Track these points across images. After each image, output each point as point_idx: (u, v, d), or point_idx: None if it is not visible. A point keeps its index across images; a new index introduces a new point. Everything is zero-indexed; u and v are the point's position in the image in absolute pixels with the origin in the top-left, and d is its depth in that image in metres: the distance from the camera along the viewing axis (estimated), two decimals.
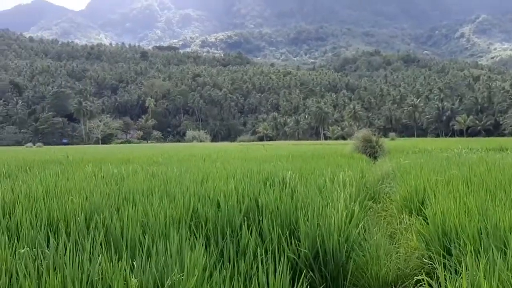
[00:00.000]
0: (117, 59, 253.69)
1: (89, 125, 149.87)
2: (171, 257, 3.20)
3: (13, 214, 4.64)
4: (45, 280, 2.76)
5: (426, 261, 4.64)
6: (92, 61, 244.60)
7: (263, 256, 3.78)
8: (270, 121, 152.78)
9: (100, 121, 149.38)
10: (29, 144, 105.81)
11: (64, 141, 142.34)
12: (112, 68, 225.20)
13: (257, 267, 3.52)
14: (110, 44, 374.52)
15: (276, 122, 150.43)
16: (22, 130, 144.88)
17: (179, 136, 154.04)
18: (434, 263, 4.31)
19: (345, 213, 4.78)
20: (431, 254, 4.62)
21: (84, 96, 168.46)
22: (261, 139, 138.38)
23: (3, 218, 4.53)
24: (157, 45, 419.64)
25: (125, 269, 3.02)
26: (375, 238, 5.03)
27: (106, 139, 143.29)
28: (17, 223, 4.32)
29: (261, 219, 4.61)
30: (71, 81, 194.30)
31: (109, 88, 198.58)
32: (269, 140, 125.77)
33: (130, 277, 2.90)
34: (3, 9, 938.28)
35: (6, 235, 3.89)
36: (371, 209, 7.66)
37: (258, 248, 4.00)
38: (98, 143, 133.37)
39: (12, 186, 7.09)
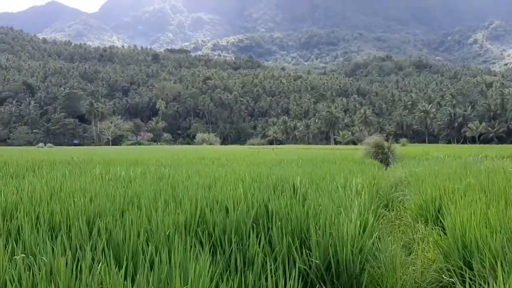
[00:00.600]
0: (129, 61, 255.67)
1: (100, 126, 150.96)
2: (174, 267, 3.01)
3: (14, 216, 4.49)
4: None
5: (446, 275, 4.39)
6: (104, 63, 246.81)
7: (272, 266, 3.58)
8: (280, 125, 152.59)
9: (111, 123, 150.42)
10: (40, 144, 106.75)
11: (75, 142, 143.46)
12: (123, 70, 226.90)
13: (266, 279, 3.32)
14: (122, 46, 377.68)
15: (286, 126, 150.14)
16: (34, 131, 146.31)
17: (189, 139, 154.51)
18: (453, 278, 4.07)
19: (358, 222, 4.55)
20: (450, 267, 4.38)
21: (96, 98, 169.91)
22: (271, 142, 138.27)
23: (4, 220, 4.38)
24: (169, 48, 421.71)
25: (126, 279, 2.84)
26: (390, 248, 4.80)
27: (117, 141, 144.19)
28: (18, 226, 4.17)
29: (270, 226, 4.41)
30: (83, 82, 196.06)
31: (120, 90, 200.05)
32: (278, 144, 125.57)
33: None
34: (17, 10, 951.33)
35: (5, 239, 3.73)
36: (384, 217, 7.41)
37: (267, 258, 3.80)
38: (109, 144, 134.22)
39: (17, 187, 6.96)
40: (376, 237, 4.82)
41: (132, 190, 6.32)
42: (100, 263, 3.00)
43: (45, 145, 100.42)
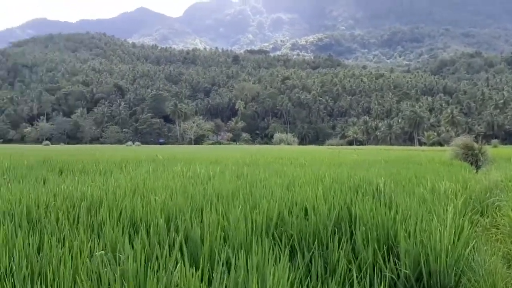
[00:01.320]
0: (211, 63, 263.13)
1: (183, 126, 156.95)
2: (251, 270, 2.85)
3: (99, 211, 4.60)
4: None
5: None
6: (188, 65, 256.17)
7: (356, 274, 3.31)
8: (361, 125, 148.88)
9: (193, 123, 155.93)
10: (129, 142, 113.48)
11: (161, 140, 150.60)
12: (205, 72, 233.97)
13: (350, 286, 3.06)
14: (205, 48, 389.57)
15: (367, 126, 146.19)
16: (124, 130, 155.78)
17: (267, 139, 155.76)
18: None
19: (453, 230, 4.12)
20: None
21: (180, 99, 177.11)
22: (350, 143, 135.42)
23: (88, 215, 4.50)
24: (249, 49, 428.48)
25: (202, 281, 2.73)
26: (489, 260, 4.30)
27: (198, 140, 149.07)
28: (101, 221, 4.25)
29: (354, 231, 4.12)
30: (168, 84, 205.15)
31: (202, 91, 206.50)
32: (359, 145, 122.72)
33: None
34: (109, 17, 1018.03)
35: (89, 234, 3.80)
36: (478, 224, 6.77)
37: (351, 265, 3.53)
38: (191, 144, 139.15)
39: (104, 183, 7.24)
40: (473, 247, 4.35)
41: (211, 188, 6.30)
42: (178, 263, 2.93)
43: (133, 144, 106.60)
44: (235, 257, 3.01)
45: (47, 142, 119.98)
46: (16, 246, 3.13)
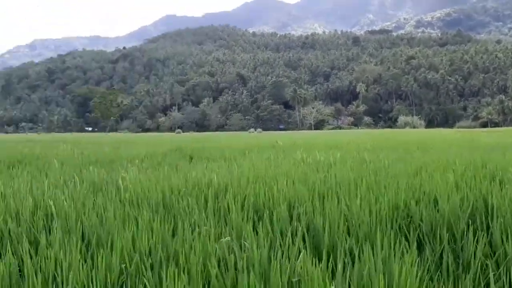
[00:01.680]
0: (330, 47, 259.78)
1: (303, 111, 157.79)
2: (376, 265, 2.73)
3: (225, 197, 4.81)
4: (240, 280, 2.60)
5: None
6: (307, 50, 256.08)
7: (494, 271, 3.02)
8: (496, 105, 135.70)
9: (313, 108, 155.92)
10: (251, 129, 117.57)
11: (281, 126, 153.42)
12: (324, 55, 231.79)
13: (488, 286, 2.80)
14: (323, 32, 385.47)
15: (503, 106, 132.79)
16: (246, 117, 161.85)
17: (391, 122, 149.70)
18: None
19: None
20: None
21: (299, 84, 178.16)
22: (484, 125, 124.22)
23: (215, 201, 4.73)
24: (369, 29, 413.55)
25: (325, 272, 2.70)
26: None
27: (318, 125, 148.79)
28: (226, 207, 4.43)
29: (491, 224, 3.75)
30: (287, 70, 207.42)
31: (321, 75, 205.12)
32: (494, 126, 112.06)
33: (331, 284, 2.58)
34: (232, 8, 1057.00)
35: (216, 220, 3.99)
36: None
37: (489, 260, 3.23)
38: (311, 129, 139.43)
39: (229, 170, 7.57)
40: None
41: (332, 176, 6.22)
42: (301, 252, 2.93)
43: (255, 130, 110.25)
44: (359, 249, 2.93)
45: (179, 130, 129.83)
46: (153, 230, 3.41)
